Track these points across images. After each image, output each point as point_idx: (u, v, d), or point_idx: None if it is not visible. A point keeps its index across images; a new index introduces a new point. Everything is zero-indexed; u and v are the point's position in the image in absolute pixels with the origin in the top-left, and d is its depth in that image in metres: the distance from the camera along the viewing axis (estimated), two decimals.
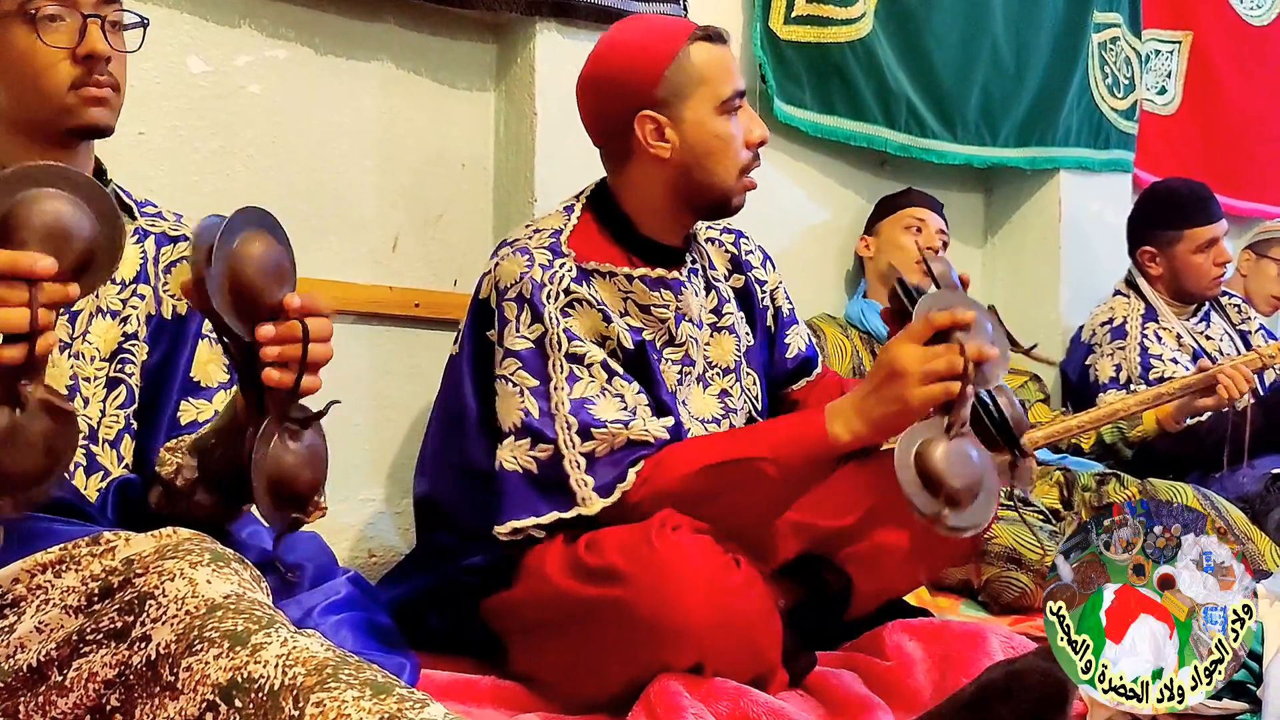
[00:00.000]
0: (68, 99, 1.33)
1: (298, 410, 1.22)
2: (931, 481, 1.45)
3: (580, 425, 1.59)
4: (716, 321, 1.82)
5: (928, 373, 1.50)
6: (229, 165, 2.06)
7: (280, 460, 1.20)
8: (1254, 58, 3.79)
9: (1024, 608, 2.24)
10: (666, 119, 1.69)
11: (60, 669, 1.06)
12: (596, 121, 1.77)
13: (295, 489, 1.21)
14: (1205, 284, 2.96)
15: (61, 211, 1.07)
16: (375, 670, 1.02)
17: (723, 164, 1.71)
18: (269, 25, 2.10)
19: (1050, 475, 2.69)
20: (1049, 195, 3.24)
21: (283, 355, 1.18)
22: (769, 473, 1.57)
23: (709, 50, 1.70)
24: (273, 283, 1.19)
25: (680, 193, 1.73)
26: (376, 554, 2.20)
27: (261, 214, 1.22)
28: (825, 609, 1.73)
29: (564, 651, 1.57)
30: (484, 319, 1.69)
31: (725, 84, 1.70)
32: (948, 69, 2.96)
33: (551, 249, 1.69)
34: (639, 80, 1.69)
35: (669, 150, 1.70)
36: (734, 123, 1.71)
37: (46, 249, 1.05)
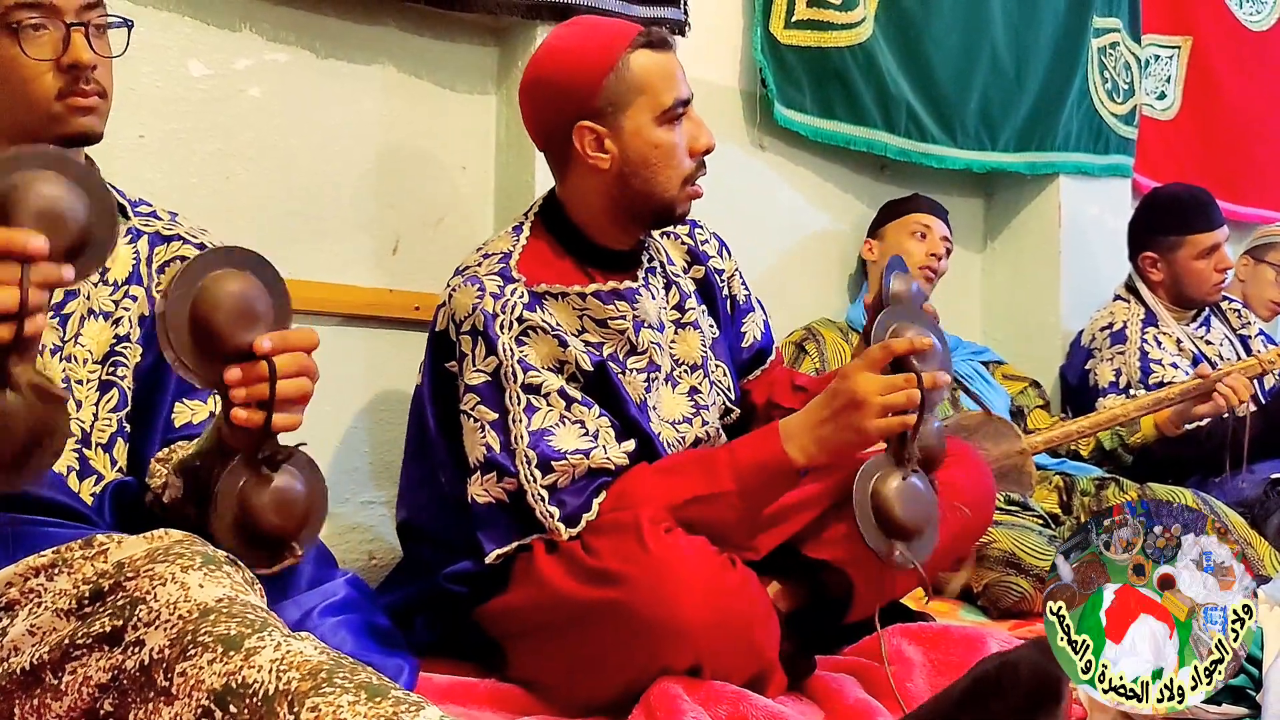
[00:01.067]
0: (54, 108, 1.33)
1: (269, 448, 1.20)
2: (885, 518, 1.53)
3: (540, 458, 1.59)
4: (680, 318, 1.81)
5: (887, 405, 1.54)
6: (229, 168, 2.06)
7: (247, 500, 1.18)
8: (1253, 62, 3.79)
9: (1023, 612, 2.23)
10: (605, 129, 1.67)
11: (54, 672, 1.06)
12: (537, 127, 1.75)
13: (260, 531, 1.19)
14: (1206, 290, 2.96)
15: (57, 195, 1.07)
16: (370, 673, 1.02)
17: (663, 174, 1.68)
18: (269, 29, 2.10)
19: (1049, 480, 2.69)
20: (1049, 200, 3.24)
21: (250, 396, 1.16)
22: (733, 503, 1.60)
23: (650, 58, 1.67)
24: (239, 325, 1.15)
25: (620, 203, 1.71)
26: (376, 556, 2.20)
27: (239, 252, 1.19)
28: (826, 613, 1.73)
29: (563, 654, 1.56)
30: (443, 350, 1.69)
31: (667, 93, 1.67)
32: (948, 74, 2.96)
33: (502, 274, 1.67)
34: (577, 89, 1.66)
35: (608, 161, 1.68)
36: (677, 132, 1.68)
37: (40, 230, 1.04)
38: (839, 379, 1.58)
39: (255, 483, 1.19)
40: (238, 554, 1.15)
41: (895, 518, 1.53)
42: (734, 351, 1.91)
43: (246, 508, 1.18)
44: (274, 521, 1.19)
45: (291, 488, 1.20)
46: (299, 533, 1.22)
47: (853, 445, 1.57)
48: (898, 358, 1.55)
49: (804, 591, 1.73)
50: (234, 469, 1.19)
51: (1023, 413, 2.89)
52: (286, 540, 1.21)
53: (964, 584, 2.33)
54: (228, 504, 1.17)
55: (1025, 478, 2.55)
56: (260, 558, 1.20)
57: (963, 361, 2.87)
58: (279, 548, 1.21)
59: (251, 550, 1.19)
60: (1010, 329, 3.29)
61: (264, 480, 1.19)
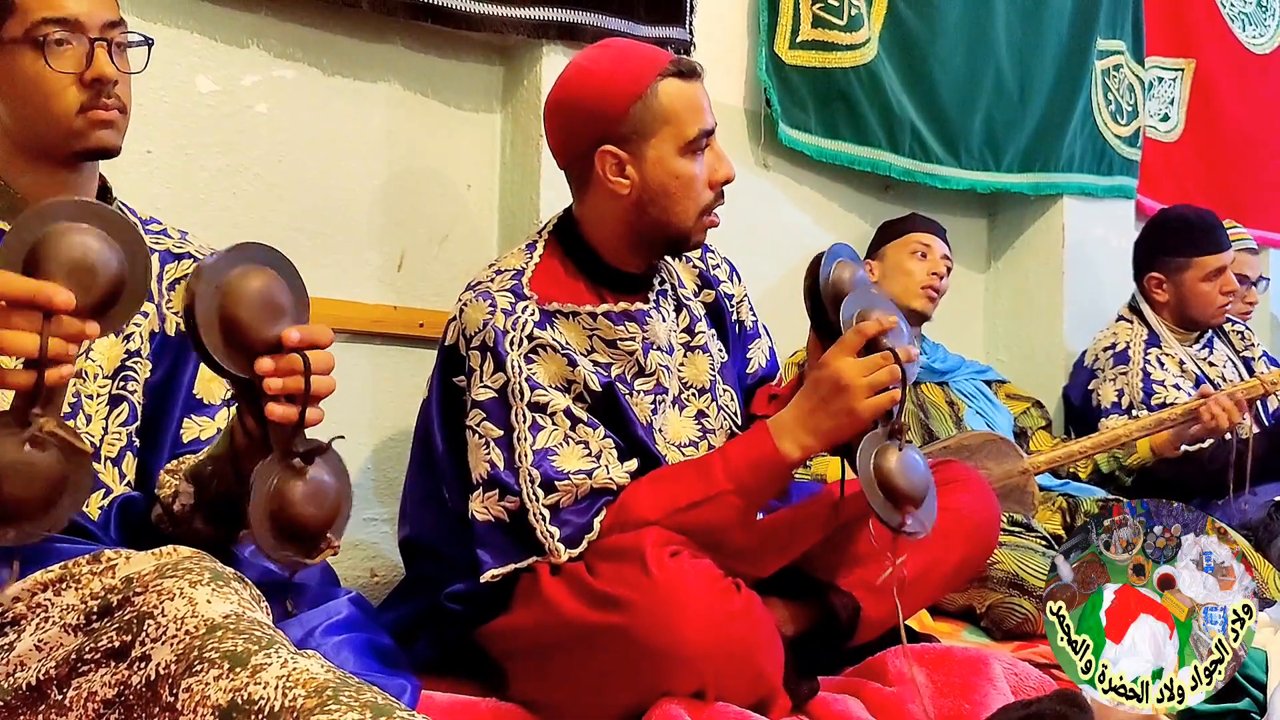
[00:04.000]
0: (76, 122, 1.34)
1: (302, 444, 1.20)
2: (889, 489, 1.54)
3: (543, 478, 1.59)
4: (690, 341, 1.82)
5: (872, 384, 1.57)
6: (236, 184, 2.07)
7: (284, 496, 1.18)
8: (1256, 85, 3.81)
9: (1027, 634, 2.22)
10: (628, 155, 1.67)
11: (60, 688, 1.06)
12: (559, 146, 1.75)
13: (299, 525, 1.18)
14: (1211, 312, 2.97)
15: (90, 247, 1.08)
16: (375, 692, 1.02)
17: (680, 204, 1.69)
18: (277, 45, 2.11)
19: (1053, 501, 2.68)
20: (1052, 220, 3.24)
21: (285, 389, 1.16)
22: (732, 502, 1.60)
23: (678, 87, 1.67)
24: (266, 318, 1.16)
25: (636, 228, 1.71)
26: (379, 574, 2.19)
27: (256, 248, 1.20)
28: (832, 636, 1.73)
29: (565, 675, 1.56)
30: (452, 365, 1.69)
31: (692, 124, 1.67)
32: (952, 94, 2.97)
33: (514, 291, 1.68)
34: (603, 113, 1.66)
35: (627, 187, 1.68)
36: (698, 162, 1.69)
37: (71, 283, 1.05)
38: (819, 369, 1.60)
39: (290, 477, 1.18)
40: (274, 549, 1.15)
41: (899, 488, 1.54)
42: (740, 377, 1.91)
43: (283, 502, 1.17)
44: (311, 513, 1.19)
45: (323, 480, 1.20)
46: (333, 524, 1.22)
47: (847, 429, 1.58)
48: (870, 339, 1.58)
49: (810, 614, 1.73)
50: (266, 465, 1.18)
51: (1026, 434, 2.88)
52: (323, 532, 1.20)
53: (965, 604, 2.33)
54: (263, 499, 1.17)
55: (1028, 498, 2.55)
56: (298, 549, 1.19)
57: (965, 380, 2.87)
58: (315, 541, 1.20)
59: (289, 544, 1.18)
60: (1013, 349, 3.29)
61: (299, 473, 1.18)
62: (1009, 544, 2.33)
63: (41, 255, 1.06)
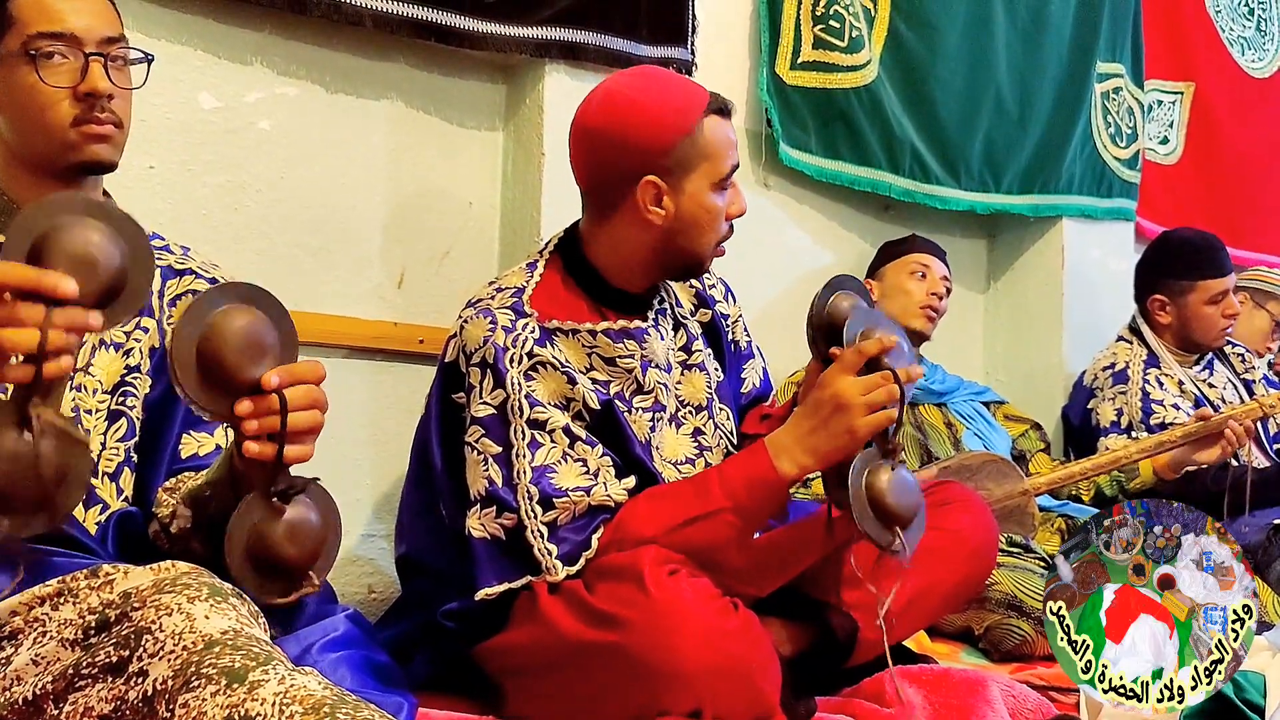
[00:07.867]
0: (69, 135, 1.35)
1: (283, 481, 1.20)
2: (879, 508, 1.55)
3: (541, 495, 1.60)
4: (686, 359, 1.83)
5: (870, 403, 1.57)
6: (238, 200, 2.08)
7: (263, 535, 1.18)
8: (1255, 109, 3.82)
9: (1025, 655, 2.22)
10: (668, 187, 1.69)
11: (56, 703, 1.05)
12: (591, 170, 1.75)
13: (278, 563, 1.18)
14: (1213, 335, 2.97)
15: (93, 241, 1.08)
16: (372, 710, 1.02)
17: (705, 236, 1.73)
18: (280, 63, 2.12)
19: (1052, 522, 2.68)
20: (1052, 242, 3.25)
21: (262, 429, 1.16)
22: (729, 520, 1.60)
23: (719, 126, 1.71)
24: (248, 359, 1.16)
25: (660, 256, 1.74)
26: (376, 590, 2.19)
27: (242, 287, 1.20)
28: (830, 656, 1.72)
29: (563, 694, 1.56)
30: (451, 382, 1.69)
31: (726, 161, 1.71)
32: (952, 116, 2.98)
33: (514, 309, 1.68)
34: (650, 146, 1.68)
35: (662, 217, 1.70)
36: (723, 197, 1.73)
37: (73, 274, 1.05)
38: (819, 388, 1.60)
39: (269, 515, 1.18)
40: (253, 586, 1.15)
41: (889, 507, 1.55)
42: (734, 396, 1.92)
43: (261, 541, 1.18)
44: (289, 552, 1.19)
45: (306, 519, 1.20)
46: (314, 562, 1.21)
47: (845, 448, 1.58)
48: (870, 358, 1.59)
49: (807, 634, 1.72)
50: (248, 503, 1.18)
51: (1024, 457, 2.88)
52: (303, 570, 1.20)
53: (963, 625, 2.32)
54: (240, 537, 1.17)
55: (1027, 519, 2.54)
56: (277, 589, 1.19)
57: (964, 402, 2.87)
58: (295, 578, 1.20)
59: (268, 582, 1.18)
60: (1012, 370, 3.29)
61: (277, 512, 1.19)
62: (1007, 565, 2.32)
63: (45, 248, 1.06)
